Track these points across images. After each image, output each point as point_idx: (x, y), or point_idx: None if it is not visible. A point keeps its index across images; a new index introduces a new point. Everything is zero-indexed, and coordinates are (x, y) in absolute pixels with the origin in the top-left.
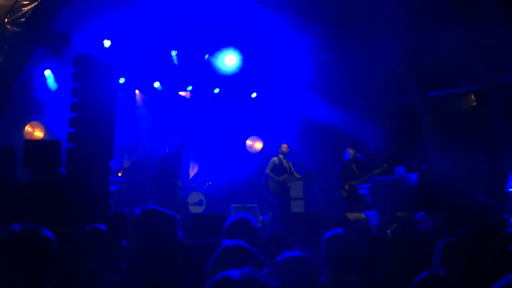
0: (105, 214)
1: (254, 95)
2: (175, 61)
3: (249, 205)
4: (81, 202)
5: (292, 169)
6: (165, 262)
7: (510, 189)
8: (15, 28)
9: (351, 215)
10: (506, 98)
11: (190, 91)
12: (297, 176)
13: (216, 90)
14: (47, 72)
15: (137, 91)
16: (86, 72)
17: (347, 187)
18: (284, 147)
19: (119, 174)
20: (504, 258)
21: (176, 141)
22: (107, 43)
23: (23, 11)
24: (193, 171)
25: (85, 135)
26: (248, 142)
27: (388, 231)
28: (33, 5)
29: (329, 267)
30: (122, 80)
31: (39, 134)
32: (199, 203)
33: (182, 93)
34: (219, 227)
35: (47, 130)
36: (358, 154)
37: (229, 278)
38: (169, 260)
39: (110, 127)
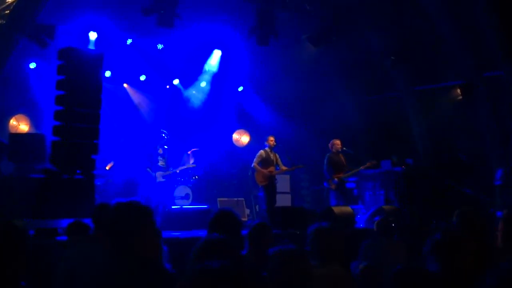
0: (89, 207)
1: (240, 88)
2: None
3: (236, 199)
4: (66, 195)
5: (279, 161)
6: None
7: (497, 183)
8: None
9: (336, 209)
10: (492, 92)
11: (177, 84)
12: (284, 168)
13: (203, 84)
14: (32, 65)
15: (125, 85)
16: (71, 64)
17: (336, 178)
18: (271, 140)
19: (107, 168)
20: (489, 251)
21: (164, 135)
22: (93, 35)
23: (7, 3)
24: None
25: (70, 128)
26: (235, 135)
27: (373, 224)
28: None
29: (315, 259)
30: (108, 74)
31: (24, 127)
32: (186, 197)
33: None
34: (205, 221)
35: (32, 124)
36: (345, 148)
37: (208, 267)
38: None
39: (96, 120)
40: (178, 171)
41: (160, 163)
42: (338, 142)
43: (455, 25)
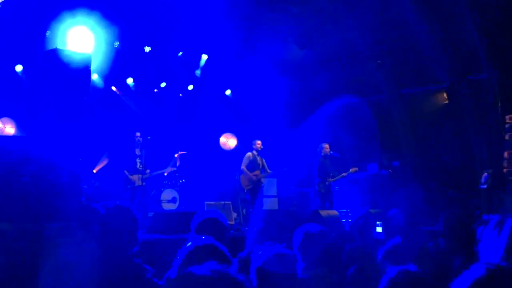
0: (76, 210)
1: (228, 92)
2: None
3: (222, 202)
4: (51, 198)
5: (265, 165)
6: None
7: (482, 186)
8: None
9: (323, 212)
10: (477, 95)
11: (163, 87)
12: (269, 172)
13: (190, 87)
14: (19, 68)
15: (113, 87)
16: (58, 67)
17: (326, 182)
18: (258, 143)
19: (94, 171)
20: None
21: (148, 138)
22: (81, 37)
23: None
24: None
25: (56, 131)
26: (222, 139)
27: (356, 228)
28: None
29: (302, 262)
30: (95, 76)
31: (10, 130)
32: (173, 200)
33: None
34: (193, 225)
35: (18, 126)
36: (331, 152)
37: (194, 272)
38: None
39: (81, 122)
40: (165, 174)
41: (138, 165)
42: (326, 146)
43: (440, 28)
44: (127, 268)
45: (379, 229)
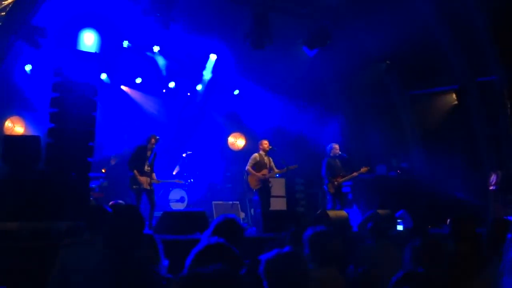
0: (84, 209)
1: (236, 92)
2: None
3: (231, 202)
4: (60, 197)
5: (273, 165)
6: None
7: (491, 188)
8: None
9: (332, 213)
10: (486, 97)
11: (173, 88)
12: (277, 170)
13: (199, 87)
14: (28, 67)
15: (124, 87)
16: (67, 66)
17: (336, 183)
18: (265, 143)
19: (103, 170)
20: (480, 255)
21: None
22: (89, 37)
23: (3, 5)
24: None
25: (65, 130)
26: (231, 139)
27: (367, 229)
28: None
29: (312, 262)
30: (104, 76)
31: (19, 129)
32: (181, 200)
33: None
34: (200, 224)
35: (27, 125)
36: (340, 152)
37: (200, 272)
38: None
39: (91, 122)
40: (174, 173)
41: (146, 168)
42: (336, 146)
43: (449, 30)
44: (134, 268)
45: (400, 227)
